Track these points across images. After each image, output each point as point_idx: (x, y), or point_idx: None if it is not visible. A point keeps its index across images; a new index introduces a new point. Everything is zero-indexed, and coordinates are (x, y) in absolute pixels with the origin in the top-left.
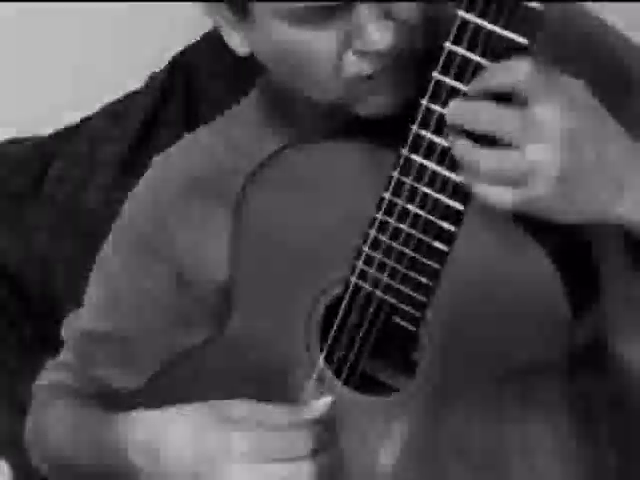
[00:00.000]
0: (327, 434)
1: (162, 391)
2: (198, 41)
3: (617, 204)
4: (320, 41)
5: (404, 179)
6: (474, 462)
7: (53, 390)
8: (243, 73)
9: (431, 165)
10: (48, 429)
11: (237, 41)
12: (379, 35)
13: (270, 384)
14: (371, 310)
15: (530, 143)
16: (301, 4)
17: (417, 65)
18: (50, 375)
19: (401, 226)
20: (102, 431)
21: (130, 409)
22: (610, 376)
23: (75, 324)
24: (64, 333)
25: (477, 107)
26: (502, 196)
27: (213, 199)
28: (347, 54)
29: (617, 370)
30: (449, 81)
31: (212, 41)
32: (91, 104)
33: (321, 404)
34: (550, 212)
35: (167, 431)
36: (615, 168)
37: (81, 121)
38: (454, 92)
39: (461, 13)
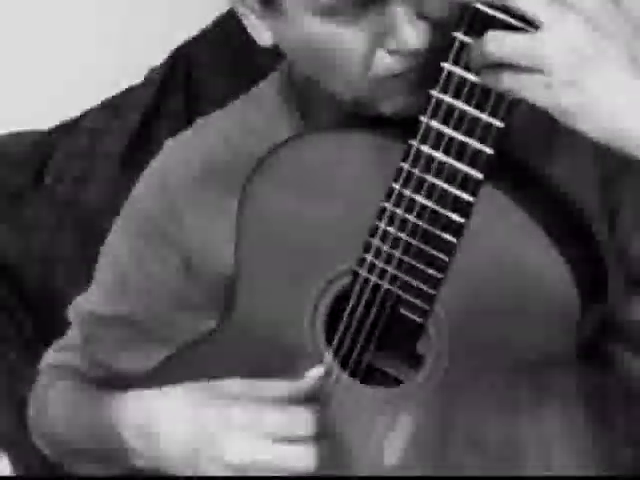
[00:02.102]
0: (327, 419)
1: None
2: (198, 35)
3: None
4: (352, 37)
5: (413, 170)
6: (488, 454)
7: (57, 371)
8: (242, 68)
9: (441, 156)
10: (48, 409)
11: (262, 32)
12: (413, 35)
13: (276, 376)
14: (378, 302)
15: (553, 19)
16: None
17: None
18: (56, 355)
19: (410, 218)
20: (97, 411)
21: None
22: (619, 370)
23: (82, 306)
24: (70, 314)
25: None
26: (511, 82)
27: (226, 187)
28: (378, 52)
29: (620, 366)
30: (460, 72)
31: (212, 35)
32: (91, 98)
33: (313, 374)
34: (558, 109)
35: (160, 410)
36: None
37: (81, 115)
38: (464, 83)
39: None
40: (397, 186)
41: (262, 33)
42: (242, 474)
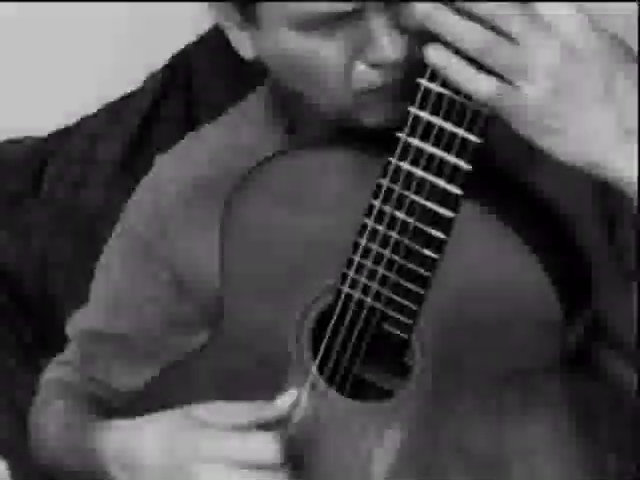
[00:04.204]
0: (299, 444)
1: (155, 402)
2: (197, 41)
3: (619, 152)
4: (329, 50)
5: (393, 186)
6: (474, 465)
7: (55, 387)
8: (242, 73)
9: (419, 172)
10: (43, 427)
11: (244, 44)
12: (391, 47)
13: (262, 393)
14: (362, 318)
15: (533, 41)
16: (310, 11)
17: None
18: (53, 371)
19: (390, 234)
20: (84, 438)
21: (125, 414)
22: (605, 379)
23: (79, 322)
24: (69, 331)
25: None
26: (485, 85)
27: (215, 201)
28: (357, 65)
29: (610, 374)
30: (437, 88)
31: (211, 41)
32: (90, 104)
33: (285, 399)
34: (533, 130)
35: (137, 439)
36: (624, 105)
37: (80, 120)
38: (442, 99)
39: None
40: (377, 202)
41: (245, 46)
42: None
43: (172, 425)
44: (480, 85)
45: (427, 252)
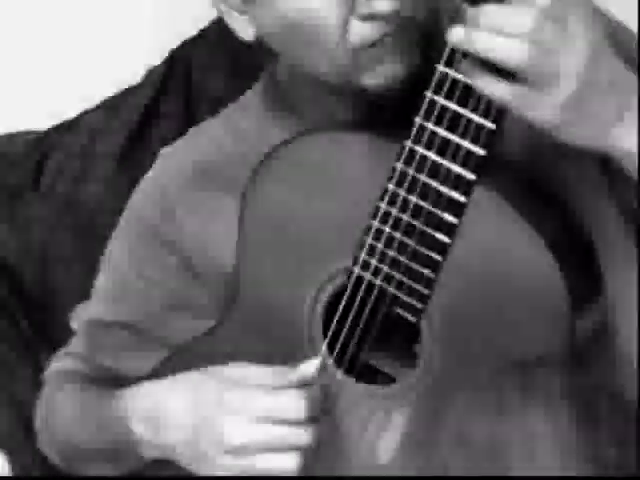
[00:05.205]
0: (322, 406)
1: None
2: (197, 35)
3: (616, 127)
4: (324, 8)
5: (407, 170)
6: (474, 453)
7: (62, 376)
8: (242, 67)
9: (434, 157)
10: (56, 412)
11: (243, 27)
12: None
13: None
14: (373, 300)
15: (562, 50)
16: None
17: (421, 36)
18: (60, 363)
19: (403, 217)
20: (105, 405)
21: None
22: (610, 370)
23: (84, 313)
24: (73, 323)
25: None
26: (510, 92)
27: (221, 189)
28: (352, 21)
29: (617, 364)
30: (453, 74)
31: (211, 35)
32: (89, 98)
33: (310, 366)
34: (553, 124)
35: (167, 398)
36: (621, 90)
37: (79, 115)
38: (457, 84)
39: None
40: (391, 186)
41: (245, 28)
42: (242, 456)
43: (203, 381)
44: (496, 90)
45: (439, 236)
